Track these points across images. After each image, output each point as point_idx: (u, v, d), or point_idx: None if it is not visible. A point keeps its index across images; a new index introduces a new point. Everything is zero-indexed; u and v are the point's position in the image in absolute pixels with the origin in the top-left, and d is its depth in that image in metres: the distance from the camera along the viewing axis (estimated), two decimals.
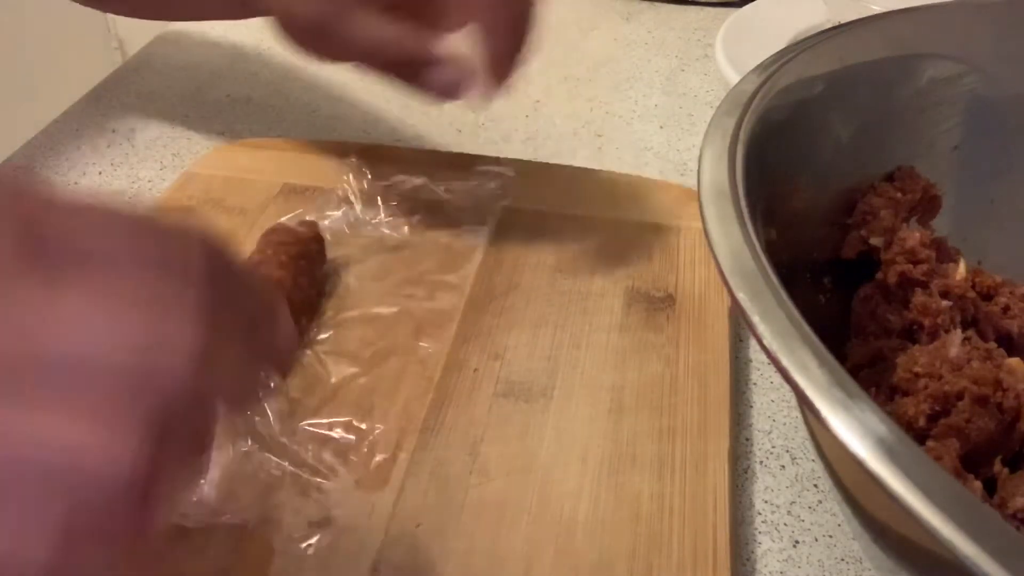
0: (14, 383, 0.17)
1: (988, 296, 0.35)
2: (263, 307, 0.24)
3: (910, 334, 0.33)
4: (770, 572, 0.33)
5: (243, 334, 0.22)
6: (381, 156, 0.51)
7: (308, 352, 0.39)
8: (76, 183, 0.53)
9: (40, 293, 0.18)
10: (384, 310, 0.42)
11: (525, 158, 0.56)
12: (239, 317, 0.22)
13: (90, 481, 0.18)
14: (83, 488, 0.18)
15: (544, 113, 0.61)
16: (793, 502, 0.36)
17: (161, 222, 0.21)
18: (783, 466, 0.37)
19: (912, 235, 0.34)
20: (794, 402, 0.39)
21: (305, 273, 0.40)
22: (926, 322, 0.32)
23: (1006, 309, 0.34)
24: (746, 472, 0.37)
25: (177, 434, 0.19)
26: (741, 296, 0.22)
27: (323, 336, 0.40)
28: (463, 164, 0.51)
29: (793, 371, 0.20)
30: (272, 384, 0.32)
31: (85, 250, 0.19)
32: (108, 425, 0.18)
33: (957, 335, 0.30)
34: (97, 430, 0.18)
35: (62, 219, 0.19)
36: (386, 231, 0.46)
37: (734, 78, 0.55)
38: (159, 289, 0.19)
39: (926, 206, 0.36)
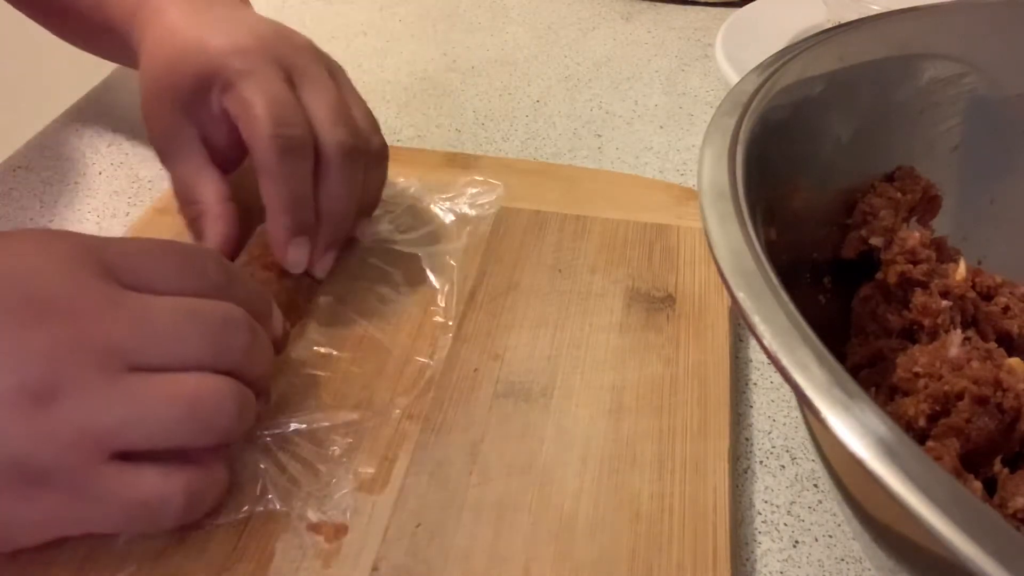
0: (141, 359, 0.27)
1: (988, 296, 0.35)
2: (262, 304, 0.35)
3: (910, 334, 0.33)
4: (770, 572, 0.33)
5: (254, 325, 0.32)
6: None
7: (302, 352, 0.39)
8: (76, 183, 0.53)
9: (137, 303, 0.28)
10: (383, 309, 0.42)
11: (525, 158, 0.56)
12: (251, 311, 0.32)
13: (205, 404, 0.28)
14: (207, 414, 0.28)
15: (544, 113, 0.61)
16: (793, 502, 0.36)
17: (184, 247, 0.32)
18: (783, 466, 0.37)
19: (912, 235, 0.34)
20: (794, 402, 0.39)
21: (290, 274, 0.40)
22: (926, 322, 0.32)
23: (1006, 309, 0.34)
24: (746, 472, 0.37)
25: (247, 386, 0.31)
26: (741, 296, 0.22)
27: (319, 336, 0.40)
28: (462, 164, 0.51)
29: (793, 371, 0.20)
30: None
31: (146, 273, 0.29)
32: (212, 378, 0.29)
33: (957, 335, 0.30)
34: (206, 381, 0.29)
35: (120, 255, 0.29)
36: (385, 231, 0.46)
37: (734, 78, 0.55)
38: (202, 291, 0.30)
39: (926, 206, 0.36)
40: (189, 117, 0.40)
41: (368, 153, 0.40)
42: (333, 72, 0.41)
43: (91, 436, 0.26)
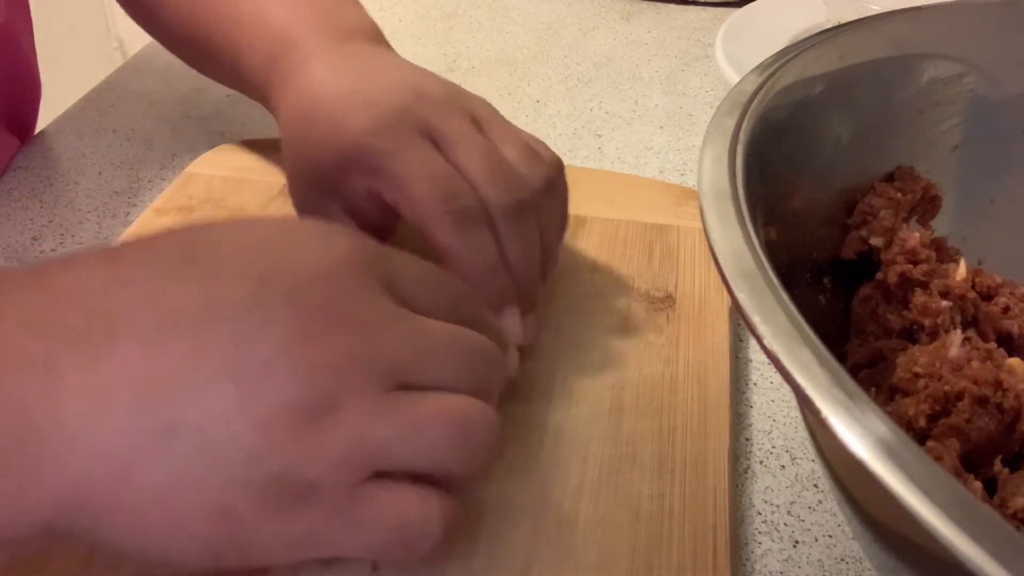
0: (414, 378, 0.27)
1: (988, 296, 0.35)
2: (501, 344, 0.34)
3: (910, 334, 0.33)
4: (770, 572, 0.33)
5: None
6: None
7: None
8: (76, 183, 0.53)
9: (416, 321, 0.28)
10: None
11: None
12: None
13: (474, 428, 0.28)
14: (475, 436, 0.28)
15: (544, 113, 0.61)
16: (793, 502, 0.36)
17: (447, 276, 0.32)
18: (783, 466, 0.37)
19: (912, 235, 0.34)
20: (794, 402, 0.39)
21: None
22: (926, 322, 0.32)
23: (1006, 309, 0.34)
24: (746, 472, 0.37)
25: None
26: (741, 296, 0.22)
27: None
28: None
29: (793, 371, 0.20)
30: None
31: (419, 295, 0.29)
32: (478, 402, 0.28)
33: (957, 335, 0.30)
34: (474, 404, 0.28)
35: (400, 274, 0.29)
36: None
37: (734, 78, 0.55)
38: (460, 322, 0.30)
39: (926, 206, 0.36)
40: (332, 196, 0.38)
41: (532, 197, 0.37)
42: (477, 117, 0.39)
43: (362, 451, 0.25)
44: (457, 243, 0.35)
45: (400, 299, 0.28)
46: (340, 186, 0.37)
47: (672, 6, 0.77)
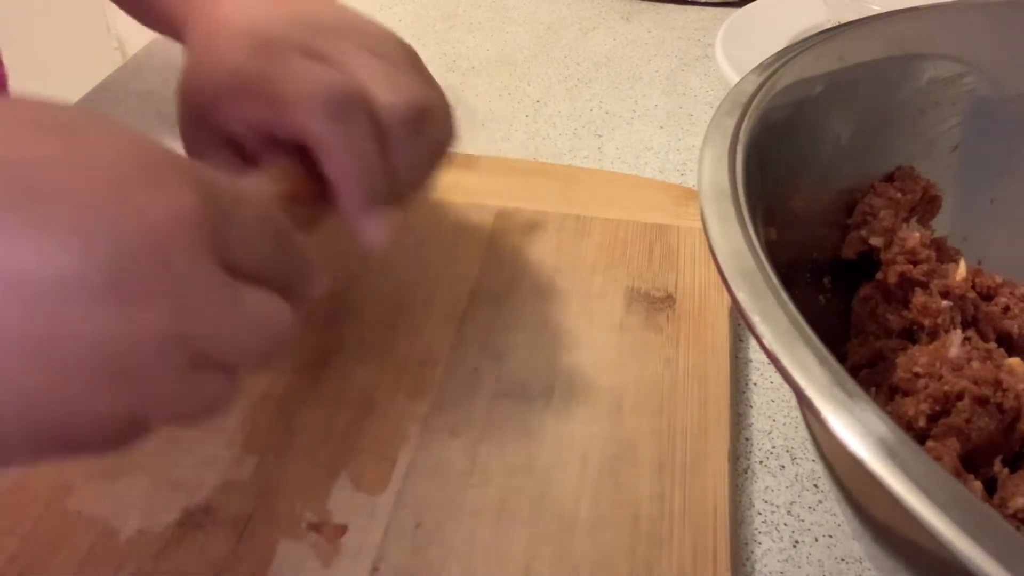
0: (204, 350, 0.25)
1: (988, 296, 0.35)
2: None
3: (910, 334, 0.33)
4: (770, 572, 0.33)
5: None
6: None
7: (301, 353, 0.39)
8: None
9: (226, 296, 0.26)
10: (383, 308, 0.42)
11: (525, 158, 0.56)
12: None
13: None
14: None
15: (544, 113, 0.61)
16: (793, 502, 0.36)
17: (287, 235, 0.29)
18: (783, 466, 0.37)
19: (912, 235, 0.34)
20: (794, 402, 0.39)
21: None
22: (926, 322, 0.32)
23: (1006, 309, 0.34)
24: (746, 472, 0.37)
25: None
26: (741, 296, 0.22)
27: (318, 336, 0.40)
28: (462, 164, 0.51)
29: (793, 371, 0.20)
30: None
31: (249, 259, 0.27)
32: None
33: (957, 335, 0.30)
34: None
35: (240, 239, 0.27)
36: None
37: (734, 78, 0.55)
38: (279, 281, 0.28)
39: (926, 206, 0.36)
40: (214, 132, 0.36)
41: (426, 109, 0.35)
42: (375, 49, 0.35)
43: (134, 419, 0.25)
44: (329, 132, 0.31)
45: (227, 261, 0.26)
46: (220, 121, 0.35)
47: (672, 6, 0.77)
